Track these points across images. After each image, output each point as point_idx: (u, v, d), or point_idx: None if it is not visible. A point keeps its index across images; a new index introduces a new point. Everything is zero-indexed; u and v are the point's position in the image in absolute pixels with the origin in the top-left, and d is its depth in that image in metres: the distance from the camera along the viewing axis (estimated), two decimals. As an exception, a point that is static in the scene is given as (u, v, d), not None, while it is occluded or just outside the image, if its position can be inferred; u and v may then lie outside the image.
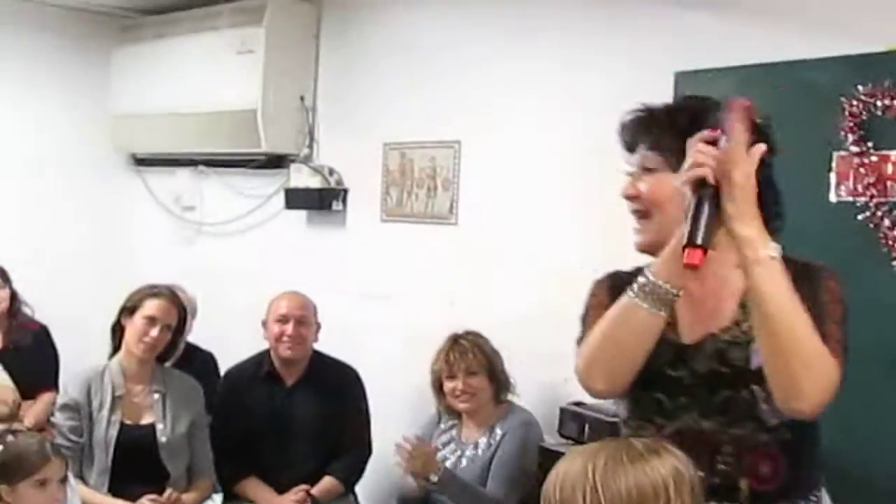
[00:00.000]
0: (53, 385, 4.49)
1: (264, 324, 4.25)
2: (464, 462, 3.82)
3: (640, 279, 1.93)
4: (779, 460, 1.98)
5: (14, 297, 4.86)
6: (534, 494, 3.57)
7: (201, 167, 5.58)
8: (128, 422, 3.89)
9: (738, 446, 1.98)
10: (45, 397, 4.59)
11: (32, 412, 4.57)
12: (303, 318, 4.19)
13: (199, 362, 4.42)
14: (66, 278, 5.70)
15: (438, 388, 3.94)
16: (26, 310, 4.92)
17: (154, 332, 3.89)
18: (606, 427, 3.44)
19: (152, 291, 3.96)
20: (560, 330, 3.94)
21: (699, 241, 1.81)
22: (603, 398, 2.21)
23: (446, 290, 4.41)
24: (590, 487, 1.62)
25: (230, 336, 4.66)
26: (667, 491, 1.63)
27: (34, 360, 4.73)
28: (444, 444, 3.92)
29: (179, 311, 3.99)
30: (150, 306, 3.91)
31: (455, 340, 3.91)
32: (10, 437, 3.22)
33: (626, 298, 1.95)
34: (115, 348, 4.01)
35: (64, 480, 3.13)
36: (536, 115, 4.13)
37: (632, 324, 1.95)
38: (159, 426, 3.92)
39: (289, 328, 4.15)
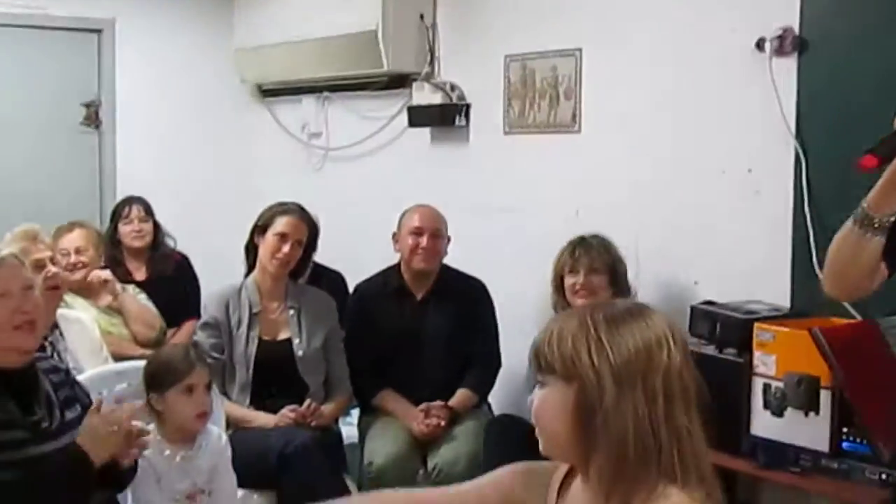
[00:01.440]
0: (196, 314, 4.64)
1: (395, 237, 4.29)
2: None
3: (858, 209, 2.12)
4: None
5: (157, 228, 5.03)
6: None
7: (325, 93, 5.66)
8: (265, 338, 4.01)
9: None
10: (189, 325, 4.72)
11: (177, 339, 4.72)
12: (436, 231, 4.23)
13: (327, 282, 4.51)
14: (202, 210, 5.89)
15: (559, 283, 3.93)
16: (168, 241, 5.09)
17: (286, 248, 3.98)
18: (739, 323, 3.42)
19: (282, 209, 4.05)
20: (690, 234, 3.96)
21: (878, 151, 2.05)
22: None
23: (571, 200, 4.39)
24: (594, 340, 1.62)
25: (360, 257, 4.74)
26: (668, 339, 1.64)
27: (177, 289, 4.89)
28: None
29: (309, 227, 4.07)
30: (281, 223, 4.00)
31: (582, 238, 3.91)
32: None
33: (847, 223, 2.15)
34: (250, 267, 4.12)
35: (209, 387, 3.25)
36: (657, 20, 4.06)
37: (852, 247, 2.15)
38: (296, 341, 4.03)
39: (423, 241, 4.19)
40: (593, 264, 3.85)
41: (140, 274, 4.88)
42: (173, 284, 4.92)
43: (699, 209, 3.97)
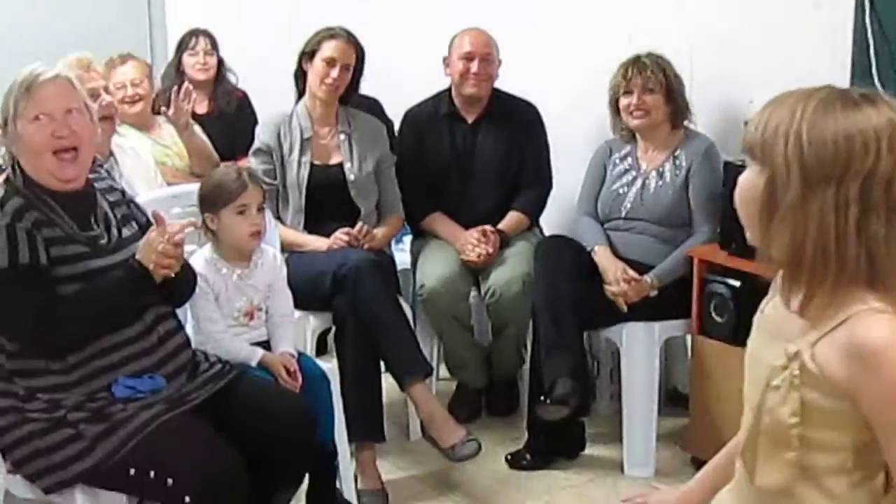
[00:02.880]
0: (252, 151, 4.62)
1: (446, 62, 4.25)
2: (651, 189, 3.82)
3: None
4: None
5: (221, 63, 5.01)
6: (723, 211, 3.60)
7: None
8: (317, 162, 4.02)
9: None
10: (244, 161, 4.74)
11: (232, 171, 4.73)
12: (487, 56, 4.17)
13: (364, 108, 4.44)
14: (262, 48, 5.77)
15: (615, 105, 3.90)
16: (231, 77, 5.08)
17: (334, 73, 3.96)
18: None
19: (329, 33, 4.01)
20: (744, 52, 3.87)
21: None
22: None
23: (624, 21, 4.30)
24: (794, 132, 1.54)
25: (402, 84, 4.67)
26: (878, 143, 1.53)
27: (237, 126, 4.88)
28: (621, 175, 3.92)
29: (357, 50, 4.03)
30: (329, 48, 3.97)
31: (636, 58, 3.85)
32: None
33: None
34: (300, 93, 4.11)
35: (261, 209, 3.28)
36: None
37: None
38: (347, 165, 4.04)
39: (474, 65, 4.14)
40: (647, 84, 3.80)
41: (202, 108, 4.87)
42: (233, 121, 4.91)
43: (754, 26, 3.88)
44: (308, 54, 4.03)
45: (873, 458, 1.59)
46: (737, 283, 3.53)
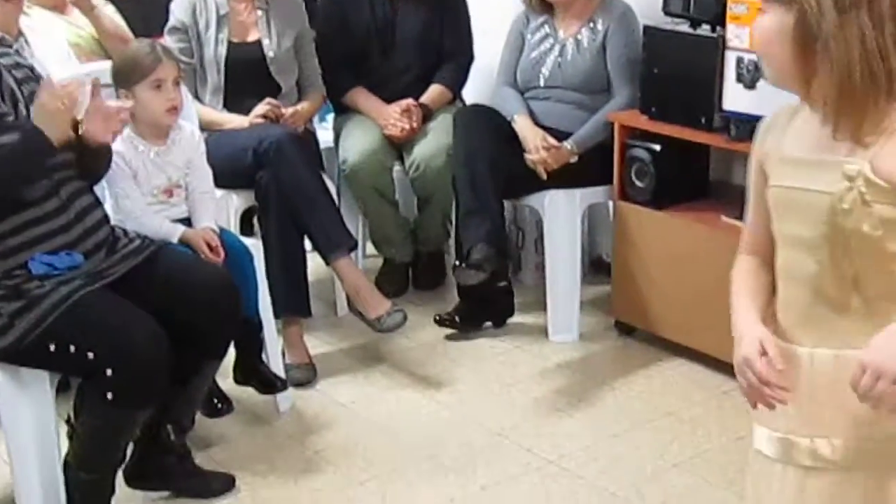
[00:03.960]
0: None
1: None
2: (568, 56, 3.81)
3: None
4: None
5: None
6: (642, 75, 3.61)
7: None
8: (235, 40, 3.94)
9: None
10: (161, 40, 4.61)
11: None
12: None
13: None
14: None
15: None
16: None
17: (248, -53, 3.87)
18: (712, 0, 3.37)
19: None
20: None
21: None
22: None
23: None
24: None
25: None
26: None
27: (151, 4, 4.72)
28: (538, 43, 3.90)
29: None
30: None
31: None
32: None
33: None
34: (215, -32, 4.01)
35: (177, 84, 3.22)
36: None
37: None
38: (265, 41, 3.96)
39: None
40: None
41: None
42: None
43: None
44: (219, -70, 3.92)
45: None
46: (657, 147, 3.56)
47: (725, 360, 3.33)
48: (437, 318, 3.87)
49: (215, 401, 3.22)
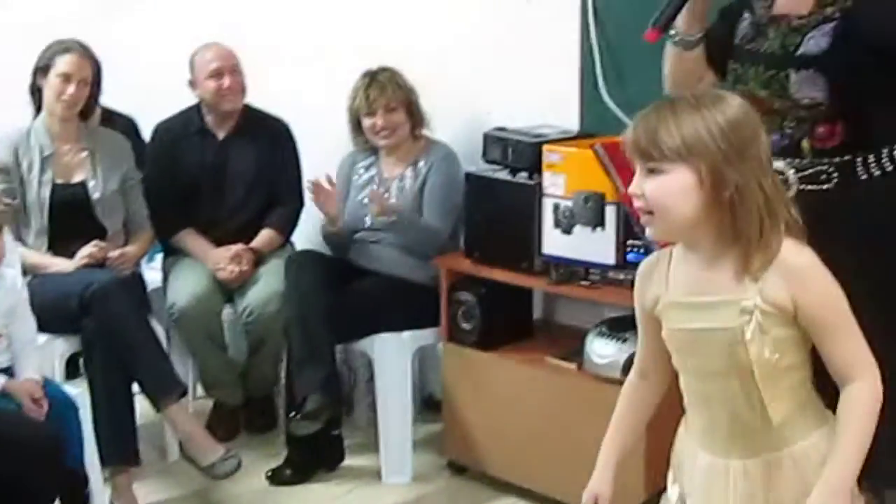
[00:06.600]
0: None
1: (193, 83, 4.20)
2: (392, 196, 3.90)
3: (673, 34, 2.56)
4: (836, 123, 2.31)
5: None
6: (466, 221, 3.73)
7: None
8: (59, 181, 3.90)
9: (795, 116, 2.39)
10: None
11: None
12: (235, 67, 4.18)
13: (119, 126, 4.35)
14: None
15: (356, 125, 3.98)
16: None
17: (71, 89, 3.85)
18: (528, 148, 3.53)
19: (63, 47, 3.88)
20: (481, 63, 4.02)
21: (657, 24, 2.48)
22: None
23: (366, 36, 4.37)
24: (712, 121, 1.79)
25: (155, 100, 4.59)
26: (750, 108, 1.86)
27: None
28: (365, 185, 3.99)
29: (93, 63, 3.94)
30: (63, 63, 3.85)
31: (372, 77, 3.93)
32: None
33: (667, 46, 2.60)
34: (38, 109, 3.98)
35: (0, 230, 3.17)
36: None
37: (677, 64, 2.62)
38: (91, 183, 3.94)
39: (226, 81, 4.14)
40: (389, 104, 3.89)
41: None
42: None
43: (488, 39, 4.03)
44: (42, 69, 3.91)
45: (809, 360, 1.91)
46: (482, 290, 3.66)
47: (555, 497, 3.45)
48: (269, 473, 3.82)
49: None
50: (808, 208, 1.90)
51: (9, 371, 3.15)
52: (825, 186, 2.37)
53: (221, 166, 4.23)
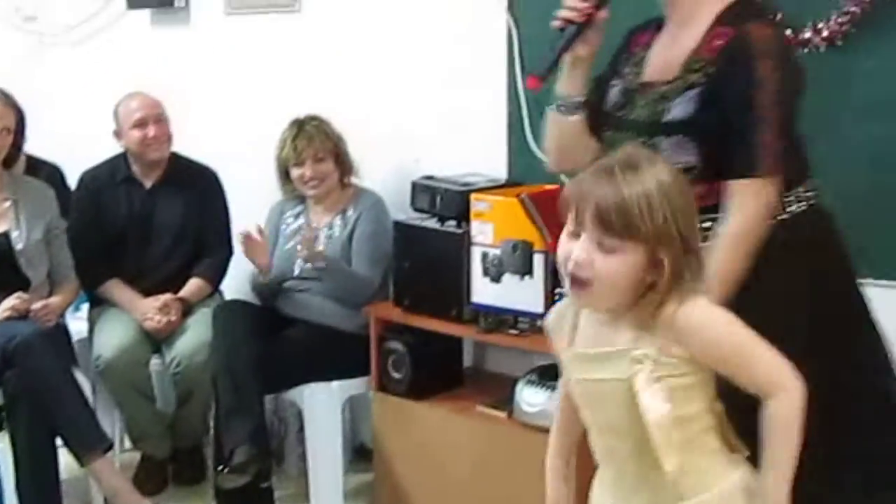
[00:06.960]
0: None
1: (118, 133, 4.16)
2: (321, 245, 3.88)
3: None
4: (712, 183, 2.28)
5: None
6: (394, 269, 3.73)
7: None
8: (-19, 232, 3.85)
9: None
10: None
11: None
12: (160, 116, 4.15)
13: (44, 175, 4.31)
14: None
15: (284, 174, 3.98)
16: None
17: (-8, 137, 3.81)
18: (456, 196, 3.54)
19: None
20: (409, 111, 4.03)
21: (537, 73, 2.42)
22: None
23: (296, 82, 4.38)
24: (665, 200, 1.78)
25: (80, 148, 4.55)
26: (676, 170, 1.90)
27: None
28: (294, 234, 3.98)
29: (15, 111, 3.89)
30: None
31: (300, 126, 3.93)
32: None
33: (548, 111, 2.56)
34: (-41, 158, 3.92)
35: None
36: None
37: (559, 128, 2.55)
38: (14, 233, 3.87)
39: (151, 130, 4.10)
40: (317, 154, 3.90)
41: None
42: None
43: (416, 87, 4.06)
44: (-37, 118, 3.85)
45: (714, 408, 1.90)
46: (412, 339, 3.65)
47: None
48: None
49: None
50: None
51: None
52: (708, 243, 2.37)
53: (148, 215, 4.19)
